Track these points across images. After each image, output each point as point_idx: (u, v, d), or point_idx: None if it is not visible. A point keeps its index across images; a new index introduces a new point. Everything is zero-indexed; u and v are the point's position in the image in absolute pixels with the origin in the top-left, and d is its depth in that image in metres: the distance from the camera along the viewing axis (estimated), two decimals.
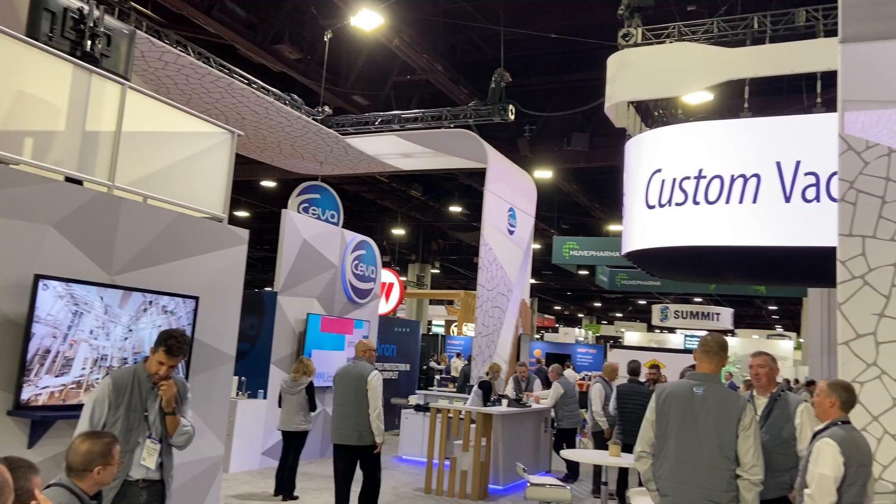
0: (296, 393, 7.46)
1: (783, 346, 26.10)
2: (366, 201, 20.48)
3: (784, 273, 10.83)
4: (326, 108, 12.38)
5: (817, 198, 8.30)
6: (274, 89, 11.14)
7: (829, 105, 7.99)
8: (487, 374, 9.32)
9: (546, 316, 44.31)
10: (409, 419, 10.22)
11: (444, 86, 12.53)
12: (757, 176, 8.65)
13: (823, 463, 3.52)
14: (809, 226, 8.50)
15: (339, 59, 12.58)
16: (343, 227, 11.51)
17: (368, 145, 11.90)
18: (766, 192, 8.53)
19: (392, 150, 12.34)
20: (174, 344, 3.60)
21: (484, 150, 11.13)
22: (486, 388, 8.83)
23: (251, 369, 9.08)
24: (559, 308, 46.57)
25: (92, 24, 5.05)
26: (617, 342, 34.26)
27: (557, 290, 36.99)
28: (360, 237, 11.38)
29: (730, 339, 27.09)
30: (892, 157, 5.89)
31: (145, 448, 3.57)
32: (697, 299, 30.50)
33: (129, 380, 3.60)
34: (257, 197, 19.74)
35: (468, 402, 9.08)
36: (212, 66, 9.70)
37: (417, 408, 10.19)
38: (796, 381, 20.11)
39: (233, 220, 6.75)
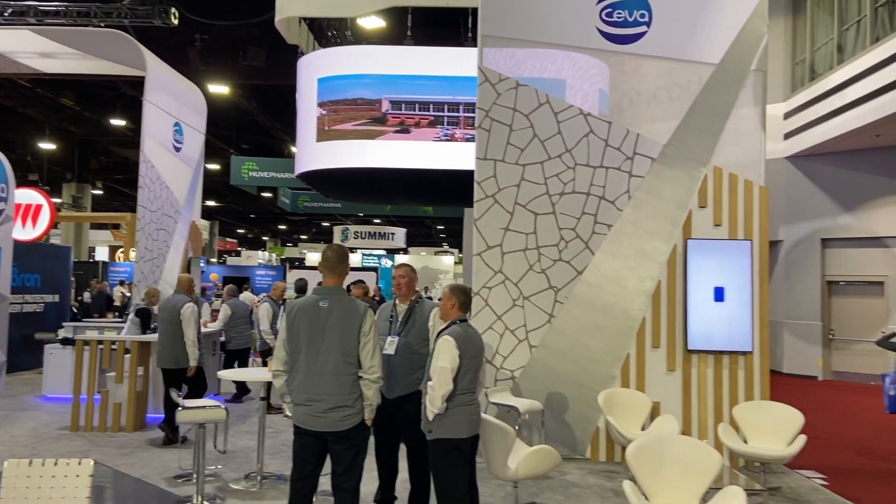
0: None
1: (446, 261, 28.92)
2: (3, 109, 17.33)
3: (441, 194, 11.88)
4: None
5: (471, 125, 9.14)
6: None
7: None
8: (143, 300, 8.67)
9: (229, 239, 42.94)
10: (54, 354, 9.13)
11: None
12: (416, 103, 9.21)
13: (443, 357, 3.95)
14: (461, 151, 9.38)
15: None
16: None
17: None
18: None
19: (27, 48, 10.42)
20: None
21: (141, 55, 9.96)
22: (144, 315, 8.26)
23: None
24: (243, 231, 45.41)
25: None
26: (301, 263, 34.75)
27: (240, 213, 35.91)
28: None
29: (403, 257, 29.20)
30: (520, 90, 6.67)
31: None
32: (376, 220, 32.16)
33: None
34: None
35: (124, 331, 8.42)
36: None
37: (65, 342, 9.15)
38: None
39: None
